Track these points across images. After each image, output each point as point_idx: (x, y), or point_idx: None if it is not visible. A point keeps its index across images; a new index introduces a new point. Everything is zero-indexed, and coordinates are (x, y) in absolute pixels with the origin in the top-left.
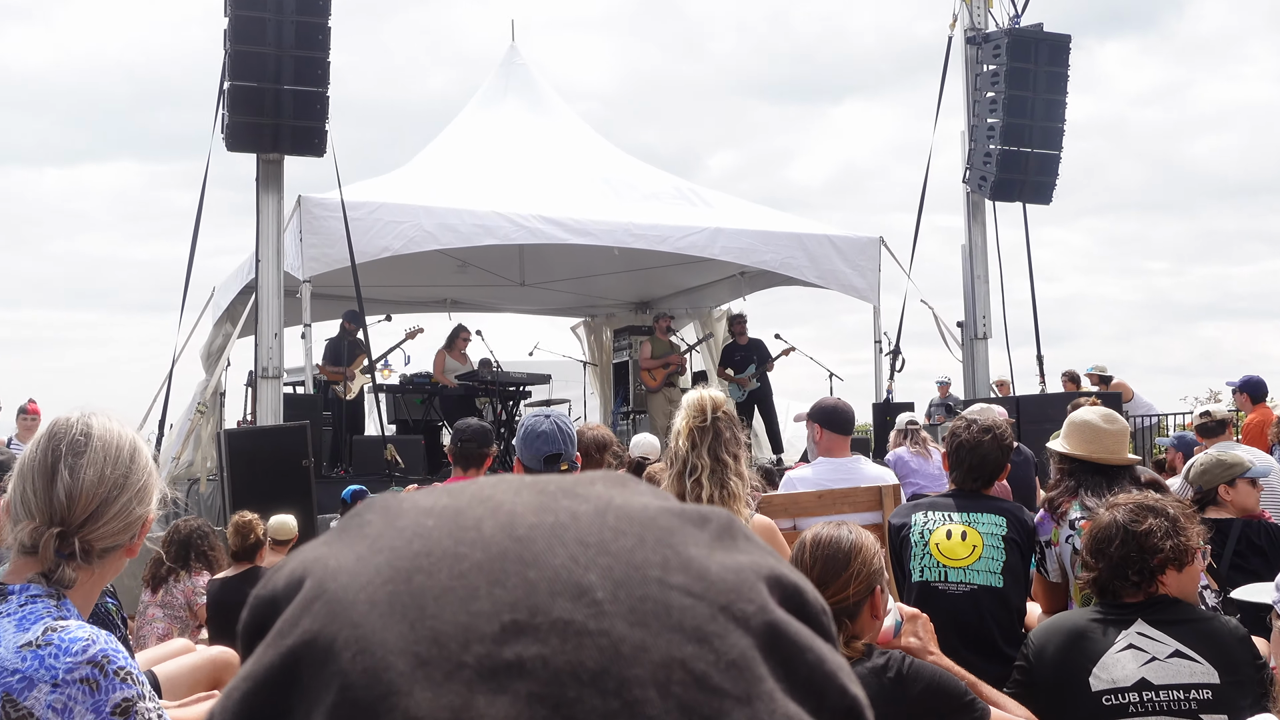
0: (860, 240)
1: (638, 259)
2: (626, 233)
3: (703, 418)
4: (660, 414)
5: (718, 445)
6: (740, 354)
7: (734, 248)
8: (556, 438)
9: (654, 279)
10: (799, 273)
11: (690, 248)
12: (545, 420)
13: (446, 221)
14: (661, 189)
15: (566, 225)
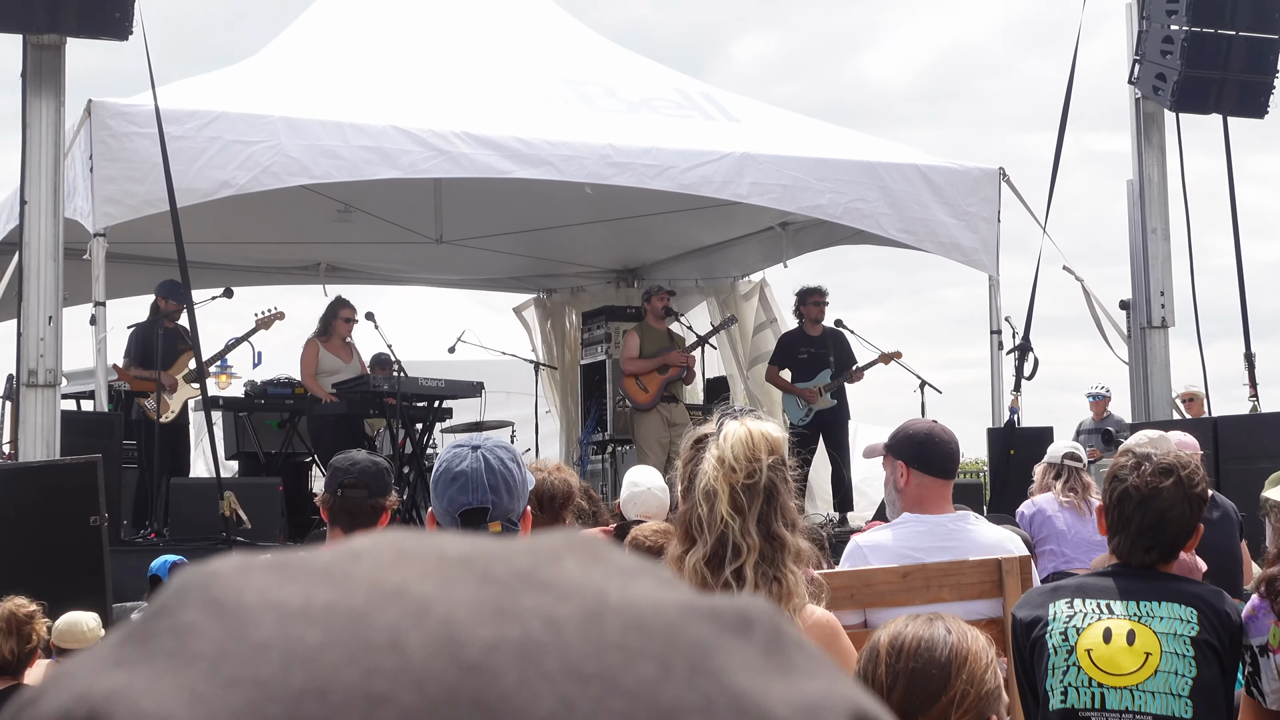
0: (968, 173)
1: (619, 201)
2: (602, 160)
3: (753, 471)
4: (654, 445)
5: (771, 514)
6: (809, 349)
7: (771, 184)
8: (482, 482)
9: (645, 233)
10: (872, 223)
11: (703, 184)
12: (469, 454)
13: (321, 142)
14: (658, 93)
15: (508, 149)
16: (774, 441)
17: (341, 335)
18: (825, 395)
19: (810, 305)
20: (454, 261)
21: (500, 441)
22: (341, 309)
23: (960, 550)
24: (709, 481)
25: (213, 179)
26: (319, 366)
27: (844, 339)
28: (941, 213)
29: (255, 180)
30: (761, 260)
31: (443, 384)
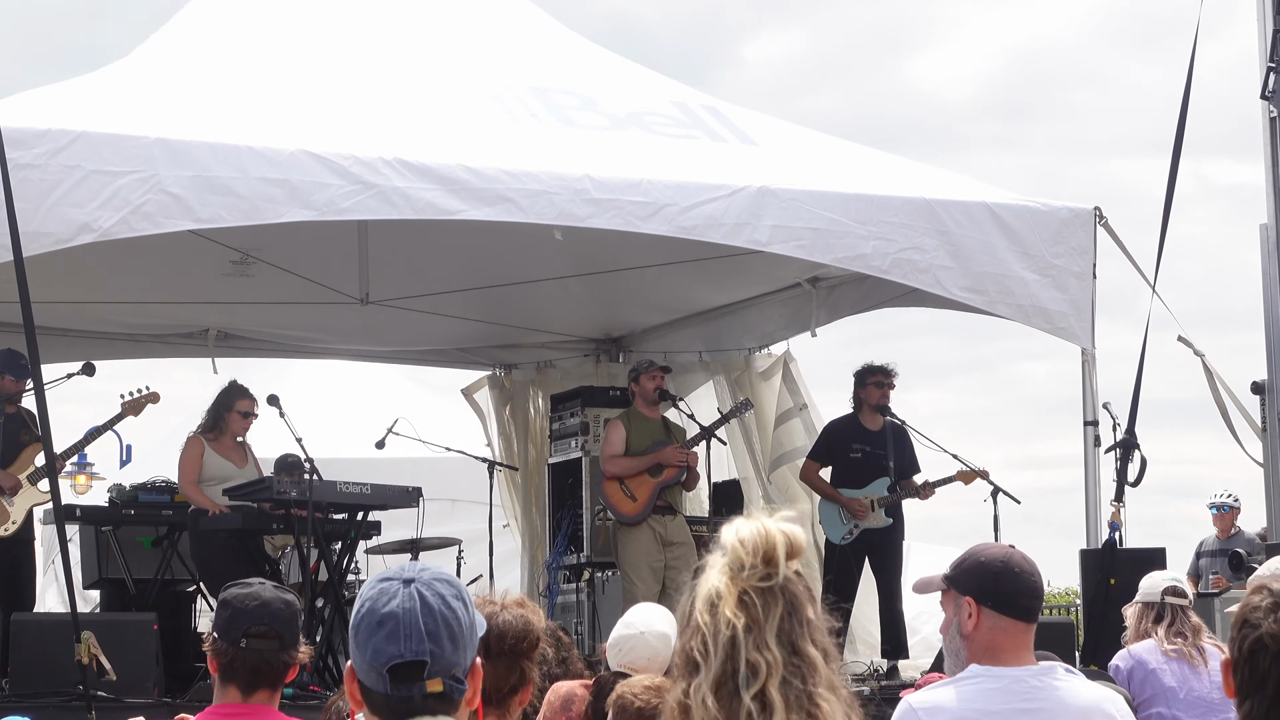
0: (1054, 214)
1: (600, 250)
2: (578, 196)
3: (768, 571)
4: (644, 570)
5: (794, 627)
6: (864, 447)
7: (798, 228)
8: (417, 627)
9: (633, 291)
10: (929, 279)
11: (709, 227)
12: (400, 590)
13: (210, 172)
14: (651, 106)
15: (455, 181)
16: (795, 543)
17: (235, 433)
18: (879, 511)
19: (872, 388)
20: (384, 328)
21: (439, 572)
22: (236, 400)
23: (1045, 714)
24: (711, 587)
25: (69, 221)
26: (203, 473)
27: (906, 436)
28: (1019, 266)
29: (124, 223)
30: (784, 327)
31: (368, 490)
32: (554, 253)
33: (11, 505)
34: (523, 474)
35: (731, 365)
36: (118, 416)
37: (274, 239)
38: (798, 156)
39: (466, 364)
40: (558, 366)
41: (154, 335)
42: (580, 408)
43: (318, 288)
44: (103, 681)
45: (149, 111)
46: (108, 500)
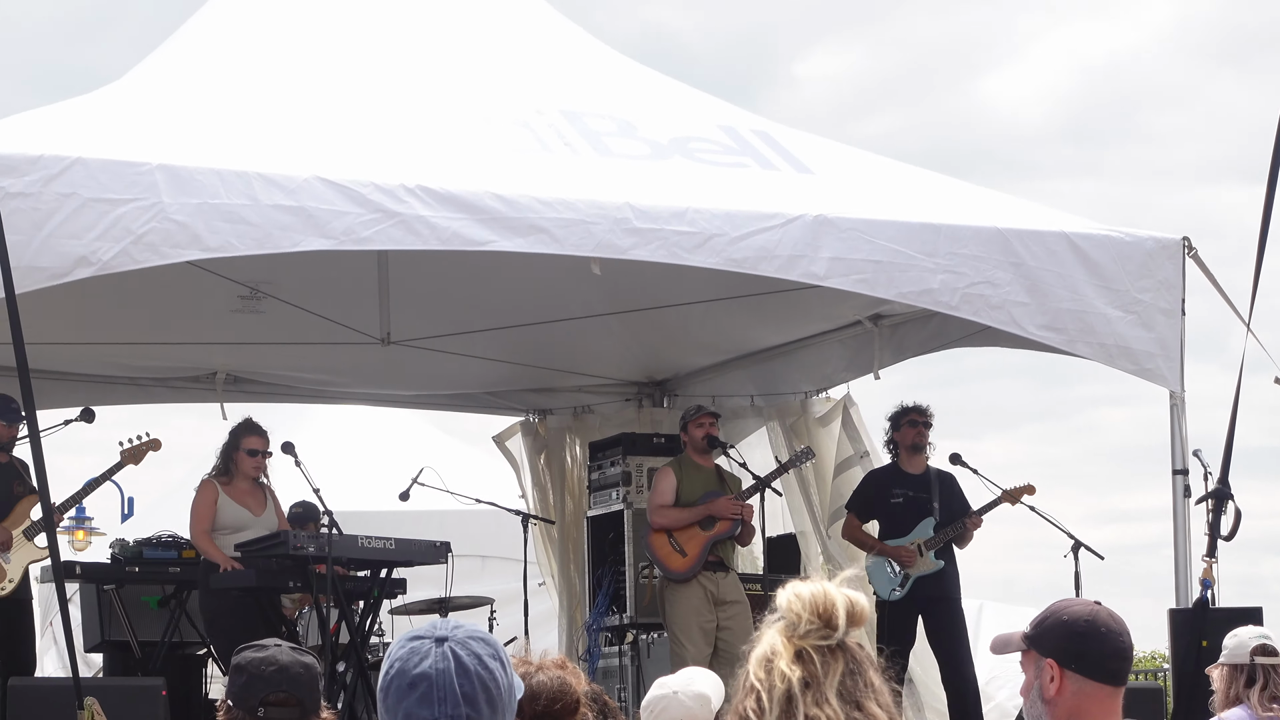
0: (1139, 245)
1: (642, 285)
2: (618, 226)
3: (826, 631)
4: (693, 631)
5: (858, 686)
6: (905, 492)
7: (858, 260)
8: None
9: (678, 330)
10: (1002, 316)
11: (761, 259)
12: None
13: (217, 199)
14: (696, 131)
15: (483, 210)
16: (857, 608)
17: (249, 474)
18: (928, 555)
19: (906, 428)
20: (407, 370)
21: (474, 630)
22: (247, 437)
23: None
24: (767, 646)
25: (66, 253)
26: (217, 520)
27: (953, 480)
28: (1101, 301)
29: (125, 254)
30: (845, 369)
31: (392, 545)
32: (592, 288)
33: (8, 563)
34: (560, 527)
35: (787, 410)
36: (117, 465)
37: (286, 273)
38: (857, 184)
39: (497, 409)
40: (597, 412)
41: (157, 379)
42: (622, 456)
43: (335, 326)
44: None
45: (150, 135)
46: (110, 556)
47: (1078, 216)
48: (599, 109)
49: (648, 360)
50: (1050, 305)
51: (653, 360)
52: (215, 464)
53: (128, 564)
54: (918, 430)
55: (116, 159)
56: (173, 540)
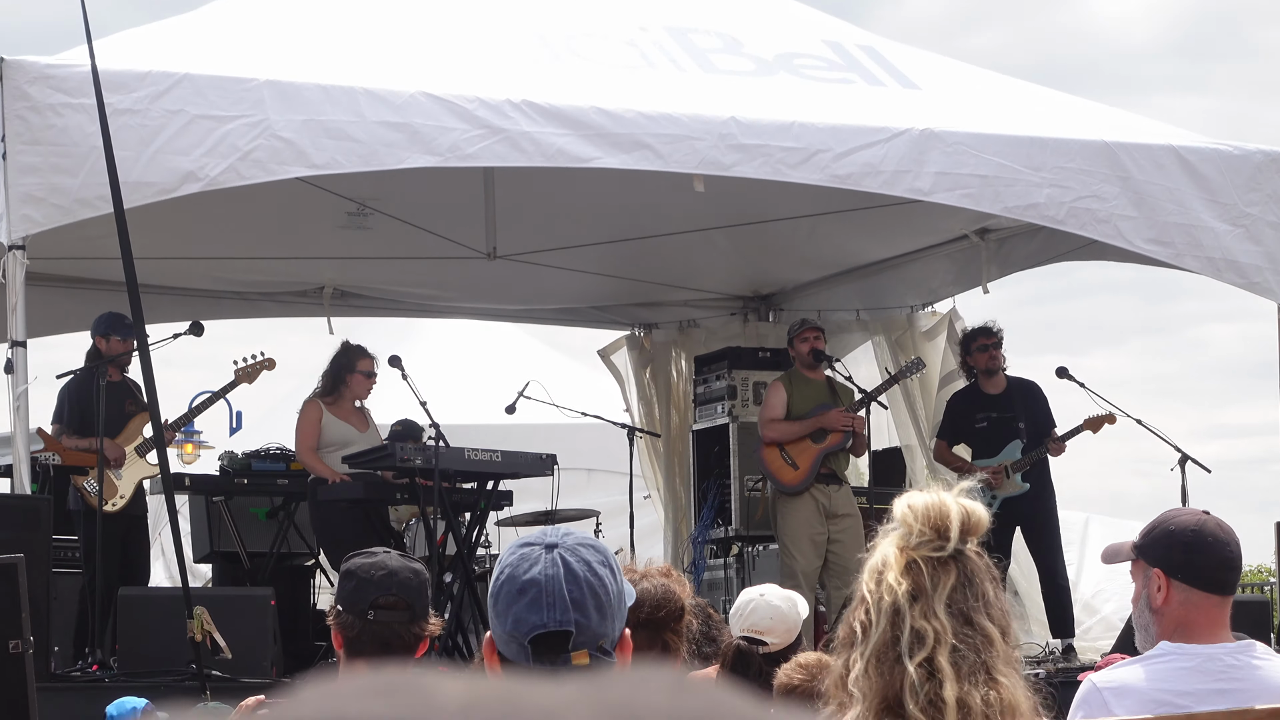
0: (1248, 158)
1: (747, 200)
2: (722, 141)
3: (939, 542)
4: (804, 542)
5: (968, 599)
6: (989, 414)
7: (964, 175)
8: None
9: (783, 245)
10: (1109, 230)
11: (866, 175)
12: (542, 556)
13: (324, 116)
14: (802, 47)
15: (588, 125)
16: (973, 518)
17: (357, 396)
18: (1014, 477)
19: (978, 353)
20: (513, 285)
21: (584, 537)
22: (357, 360)
23: (1243, 695)
24: (879, 557)
25: (174, 169)
26: (322, 438)
27: (1036, 390)
28: (1209, 215)
29: (232, 170)
30: (951, 284)
31: (499, 457)
32: (698, 202)
33: (119, 479)
34: (665, 441)
35: (892, 324)
36: (231, 384)
37: (393, 189)
38: (964, 99)
39: (602, 323)
40: (702, 326)
41: (265, 293)
42: (727, 370)
43: (441, 241)
44: (217, 660)
45: (256, 51)
46: (219, 469)
47: (1185, 130)
48: (704, 25)
49: (753, 274)
50: (1157, 219)
51: (758, 274)
52: (320, 383)
53: (236, 476)
54: (989, 354)
55: (223, 75)
56: (281, 453)
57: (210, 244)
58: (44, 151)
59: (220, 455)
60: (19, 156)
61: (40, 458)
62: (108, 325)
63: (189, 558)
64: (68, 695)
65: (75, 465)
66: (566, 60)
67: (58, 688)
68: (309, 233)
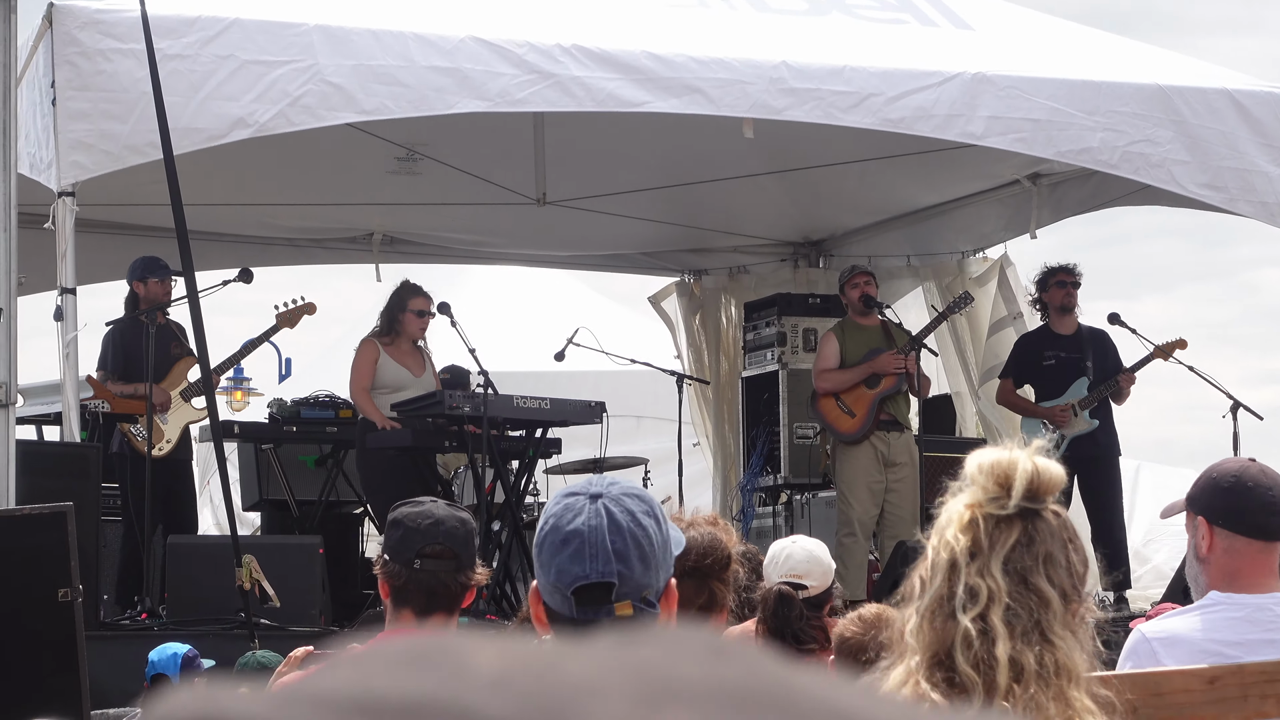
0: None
1: (797, 145)
2: (773, 85)
3: (1001, 498)
4: (861, 491)
5: (1027, 560)
6: (1057, 354)
7: (1017, 119)
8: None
9: (833, 190)
10: (1162, 175)
11: (918, 119)
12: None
13: (373, 61)
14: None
15: (639, 70)
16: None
17: (412, 335)
18: (1082, 414)
19: (1054, 289)
20: (562, 231)
21: (629, 487)
22: (411, 298)
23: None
24: (946, 513)
25: (223, 115)
26: (377, 380)
27: (1106, 338)
28: (1264, 159)
29: (282, 116)
30: (1002, 229)
31: (547, 405)
32: (748, 148)
33: (165, 424)
34: (714, 388)
35: (943, 270)
36: (272, 329)
37: (442, 134)
38: (1017, 41)
39: (652, 269)
40: (752, 272)
41: (314, 240)
42: (777, 316)
43: (490, 187)
44: (266, 608)
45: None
46: (267, 416)
47: (1240, 73)
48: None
49: (803, 220)
50: (1211, 163)
51: (808, 220)
52: (377, 324)
53: (285, 423)
54: (1066, 291)
55: (273, 20)
56: (330, 400)
57: (259, 190)
58: (94, 98)
59: (269, 402)
60: (69, 103)
61: (90, 405)
62: (144, 268)
63: (238, 506)
64: (116, 643)
65: (124, 413)
66: (616, 2)
67: (106, 636)
68: (358, 179)
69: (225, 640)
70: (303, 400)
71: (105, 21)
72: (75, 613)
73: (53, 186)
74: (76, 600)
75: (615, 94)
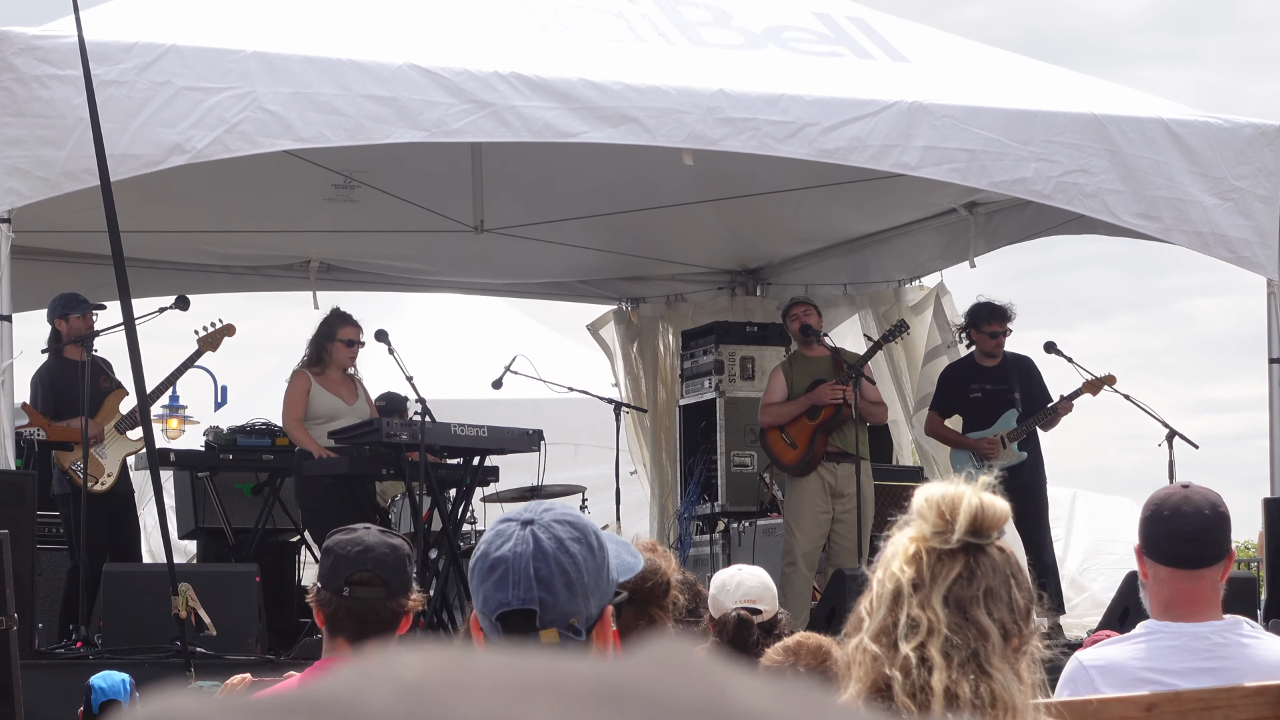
0: (1237, 132)
1: (734, 174)
2: (710, 115)
3: (947, 533)
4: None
5: (970, 593)
6: (983, 385)
7: (952, 149)
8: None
9: (770, 219)
10: (1097, 205)
11: (854, 149)
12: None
13: (310, 89)
14: (790, 19)
15: (576, 99)
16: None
17: (341, 364)
18: (1010, 446)
19: (985, 335)
20: (500, 259)
21: (564, 513)
22: (341, 327)
23: (1231, 674)
24: (891, 546)
25: (160, 141)
26: (309, 410)
27: (1032, 367)
28: (1198, 189)
29: (219, 143)
30: (939, 258)
31: (485, 432)
32: (686, 176)
33: (104, 457)
34: (652, 416)
35: (879, 299)
36: (196, 354)
37: (380, 161)
38: (952, 72)
39: (590, 297)
40: (689, 300)
41: (251, 267)
42: (714, 344)
43: (428, 214)
44: (202, 636)
45: (244, 22)
46: (204, 444)
47: (1174, 103)
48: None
49: (741, 248)
50: (1146, 193)
51: (746, 248)
52: (306, 353)
53: (221, 451)
54: (998, 341)
55: (211, 46)
56: (266, 428)
57: (196, 217)
58: (30, 124)
59: (205, 430)
60: (4, 129)
61: (25, 433)
62: (64, 305)
63: (174, 534)
64: (52, 672)
65: (59, 441)
66: (554, 32)
67: (42, 665)
68: (295, 206)
69: (161, 669)
70: (239, 428)
71: (42, 48)
72: (10, 640)
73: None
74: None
75: (551, 124)
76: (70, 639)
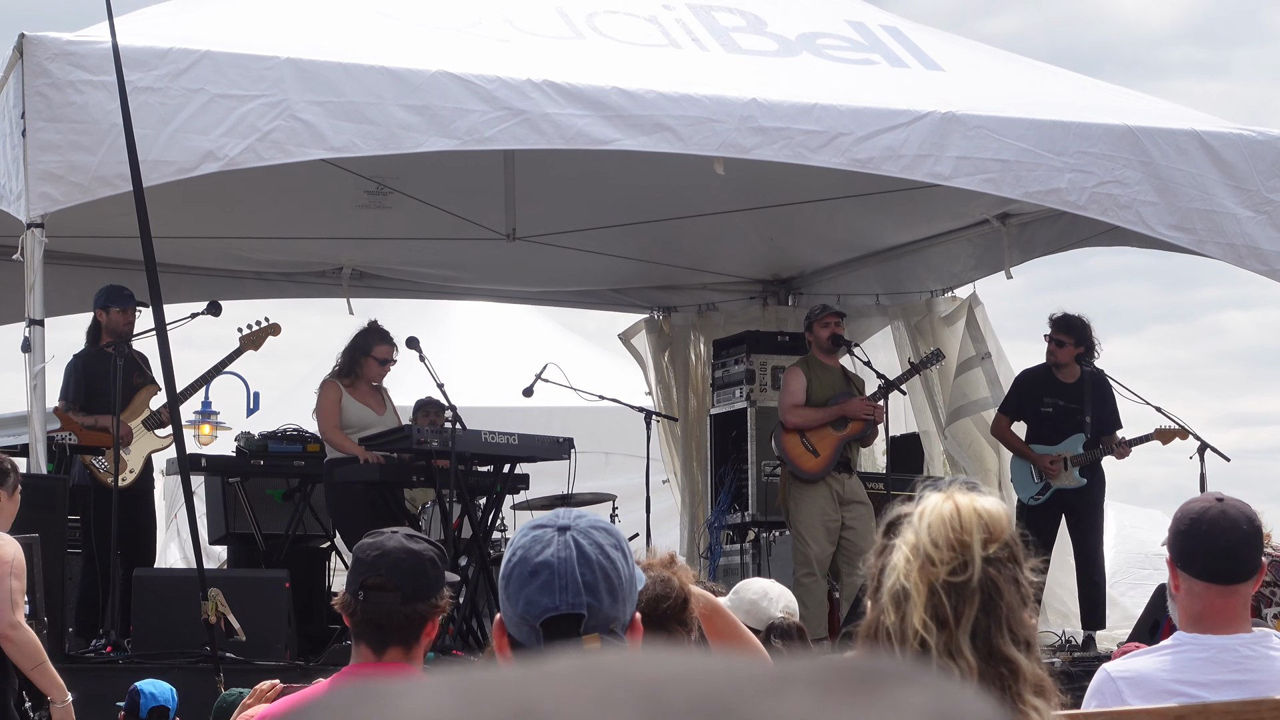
0: (1271, 144)
1: (767, 183)
2: (743, 124)
3: (962, 564)
4: (818, 530)
5: (992, 627)
6: (1057, 400)
7: (986, 159)
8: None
9: (803, 228)
10: (1130, 216)
11: (887, 159)
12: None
13: (343, 96)
14: (824, 27)
15: (609, 107)
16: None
17: (371, 379)
18: (1073, 470)
19: (1053, 344)
20: (532, 267)
21: (596, 520)
22: (376, 344)
23: (1259, 686)
24: (898, 579)
25: (193, 148)
26: (342, 420)
27: (1108, 389)
28: (1232, 201)
29: (251, 151)
30: (972, 268)
31: (515, 440)
32: (719, 185)
33: (128, 453)
34: (683, 425)
35: (912, 309)
36: (236, 352)
37: (413, 169)
38: (986, 82)
39: (621, 306)
40: (721, 309)
41: (283, 274)
42: (745, 354)
43: (460, 222)
44: (231, 642)
45: (278, 30)
46: (235, 450)
47: (1208, 115)
48: (728, 3)
49: (773, 258)
50: (1179, 205)
51: (778, 258)
52: (338, 364)
53: (253, 457)
54: (1067, 350)
55: (244, 53)
56: (297, 434)
57: (228, 223)
58: (63, 129)
59: (237, 436)
60: (39, 134)
61: (56, 437)
62: (106, 298)
63: (204, 539)
64: (81, 676)
65: (91, 445)
66: (589, 38)
67: (71, 669)
68: (328, 212)
69: (191, 674)
70: (270, 434)
71: (76, 53)
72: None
73: (21, 218)
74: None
75: (584, 131)
76: (99, 642)
